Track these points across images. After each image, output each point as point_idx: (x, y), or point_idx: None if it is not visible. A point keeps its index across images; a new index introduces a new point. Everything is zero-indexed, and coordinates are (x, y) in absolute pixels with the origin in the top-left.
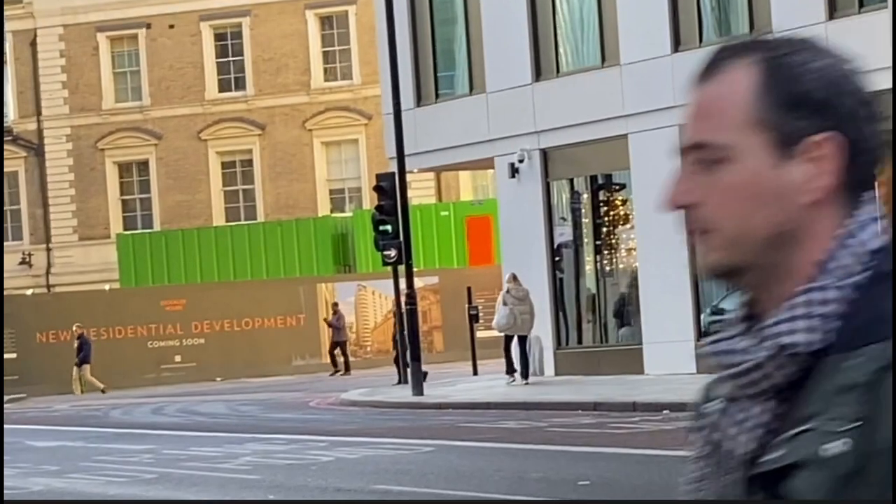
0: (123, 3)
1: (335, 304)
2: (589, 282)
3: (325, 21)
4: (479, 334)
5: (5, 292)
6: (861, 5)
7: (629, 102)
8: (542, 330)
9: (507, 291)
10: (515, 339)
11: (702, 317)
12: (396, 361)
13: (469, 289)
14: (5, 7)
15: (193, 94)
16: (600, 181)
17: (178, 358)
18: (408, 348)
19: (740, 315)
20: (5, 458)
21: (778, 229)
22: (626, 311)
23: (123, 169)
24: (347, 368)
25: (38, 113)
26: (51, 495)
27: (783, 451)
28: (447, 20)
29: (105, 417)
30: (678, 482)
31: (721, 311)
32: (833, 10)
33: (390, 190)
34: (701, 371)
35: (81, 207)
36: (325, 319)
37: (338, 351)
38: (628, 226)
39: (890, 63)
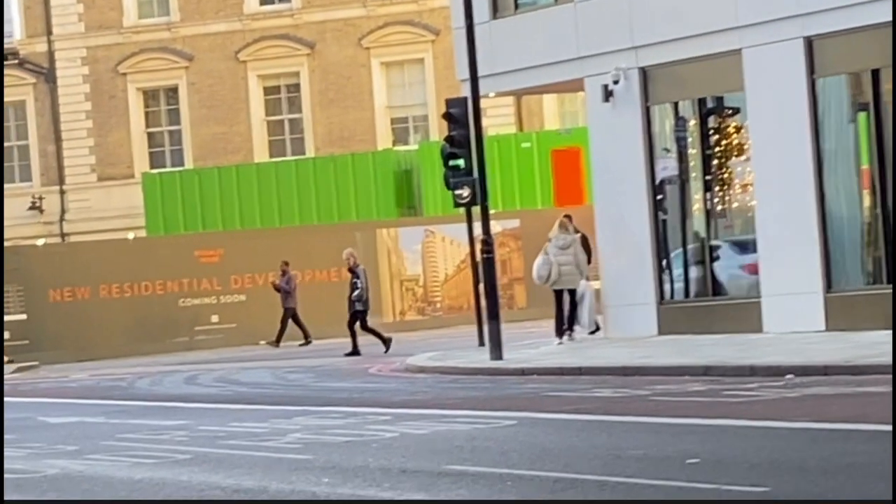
0: None
1: (284, 263)
2: (697, 224)
3: None
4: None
5: (13, 242)
6: None
7: (744, 11)
8: (644, 281)
9: (549, 239)
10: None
11: (832, 265)
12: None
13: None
14: None
15: (230, 8)
16: (710, 105)
17: (214, 318)
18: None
19: None
20: (15, 436)
21: None
22: (742, 257)
23: (149, 96)
24: (279, 340)
25: (49, 32)
26: (67, 479)
27: None
28: None
29: (130, 389)
30: (804, 459)
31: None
32: None
33: (462, 118)
34: (831, 328)
35: (100, 142)
36: (273, 282)
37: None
38: (743, 157)
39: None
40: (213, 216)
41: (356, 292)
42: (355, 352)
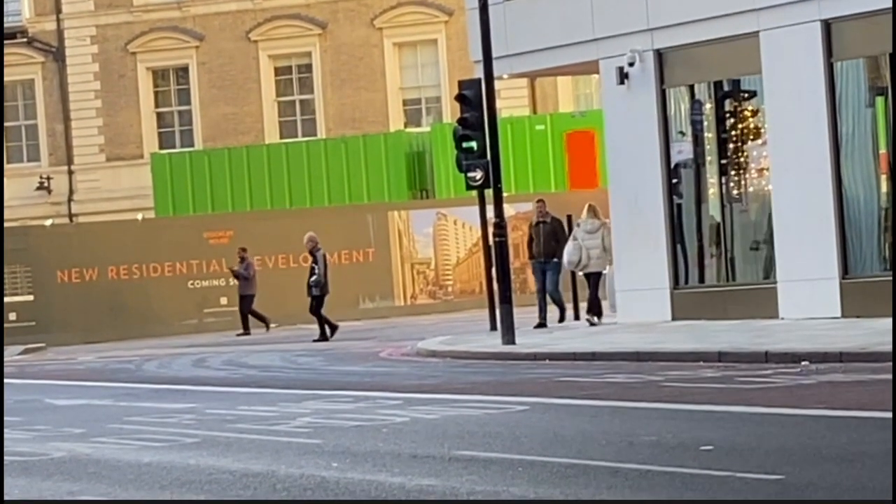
0: None
1: (242, 250)
2: (712, 208)
3: None
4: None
5: (21, 222)
6: None
7: None
8: (658, 265)
9: (578, 224)
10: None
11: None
12: None
13: (569, 217)
14: None
15: None
16: (726, 88)
17: (223, 300)
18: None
19: None
20: (21, 418)
21: None
22: (757, 243)
23: (158, 76)
24: (265, 322)
25: (58, 10)
26: (74, 462)
27: None
28: None
29: (138, 371)
30: (819, 447)
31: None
32: None
33: (475, 99)
34: (847, 314)
35: (109, 122)
36: (231, 269)
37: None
38: (759, 141)
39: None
40: (223, 197)
41: (313, 277)
42: (331, 334)
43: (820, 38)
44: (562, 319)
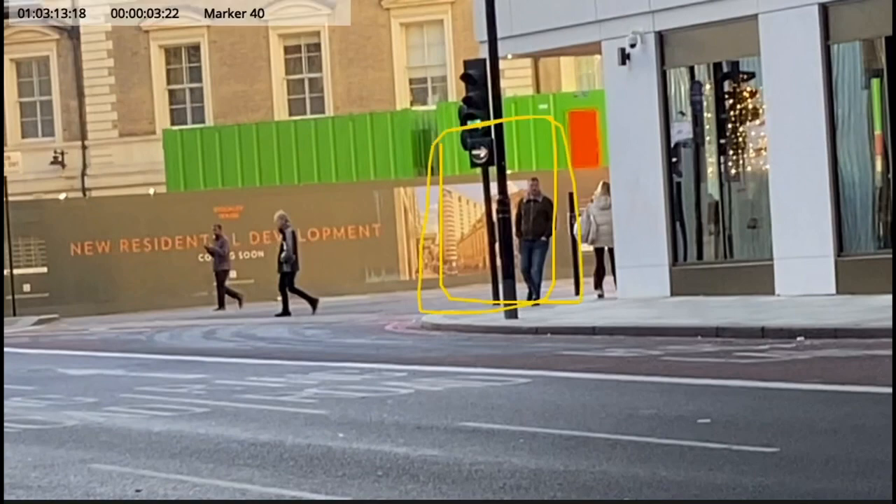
0: None
1: (217, 227)
2: (711, 187)
3: None
4: (584, 248)
5: (35, 196)
6: None
7: None
8: (657, 242)
9: (592, 200)
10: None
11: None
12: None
13: (571, 195)
14: None
15: None
16: (725, 69)
17: (233, 274)
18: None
19: None
20: (35, 387)
21: None
22: (755, 221)
23: (171, 54)
24: (221, 304)
25: None
26: (87, 430)
27: None
28: None
29: (149, 342)
30: (814, 420)
31: None
32: None
33: (480, 79)
34: (842, 291)
35: (122, 99)
36: (206, 245)
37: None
38: (758, 122)
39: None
40: (233, 173)
41: (283, 254)
42: (286, 312)
43: (818, 21)
44: (534, 301)
